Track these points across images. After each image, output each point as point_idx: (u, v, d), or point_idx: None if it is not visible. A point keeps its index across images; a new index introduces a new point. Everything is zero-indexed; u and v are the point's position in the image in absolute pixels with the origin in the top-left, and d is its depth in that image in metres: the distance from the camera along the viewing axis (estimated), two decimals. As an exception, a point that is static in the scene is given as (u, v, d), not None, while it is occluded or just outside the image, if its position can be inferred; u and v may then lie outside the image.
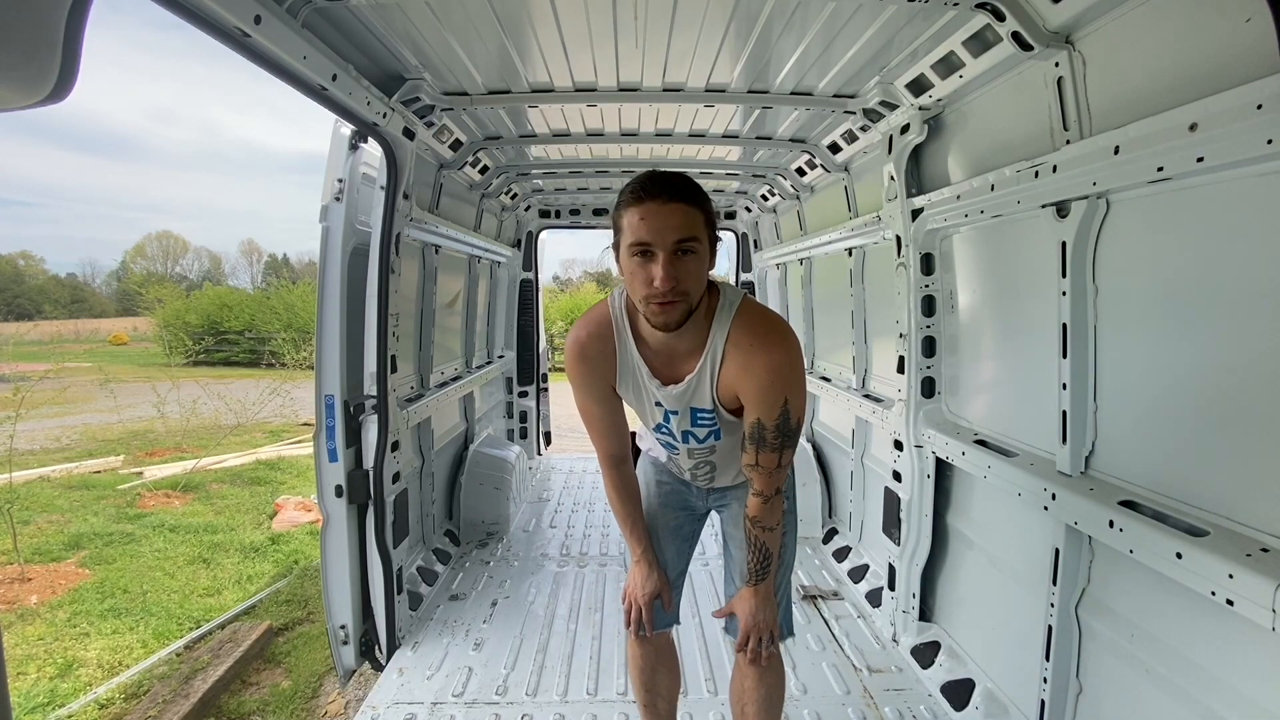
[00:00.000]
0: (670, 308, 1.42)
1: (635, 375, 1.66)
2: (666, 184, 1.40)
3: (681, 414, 1.66)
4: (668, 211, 1.38)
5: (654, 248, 1.38)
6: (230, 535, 5.56)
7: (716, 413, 1.63)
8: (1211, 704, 1.46)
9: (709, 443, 1.72)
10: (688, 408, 1.64)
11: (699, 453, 1.76)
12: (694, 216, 1.40)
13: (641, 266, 1.41)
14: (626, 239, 1.42)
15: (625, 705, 2.52)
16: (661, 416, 1.69)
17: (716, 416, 1.64)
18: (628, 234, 1.41)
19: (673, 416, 1.67)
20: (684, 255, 1.40)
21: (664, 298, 1.40)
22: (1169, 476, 1.60)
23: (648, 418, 1.74)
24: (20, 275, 61.72)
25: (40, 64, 0.81)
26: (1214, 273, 1.47)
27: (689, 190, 1.42)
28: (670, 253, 1.38)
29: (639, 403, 1.72)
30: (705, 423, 1.67)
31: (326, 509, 2.67)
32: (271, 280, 44.94)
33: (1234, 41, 1.32)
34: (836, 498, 4.20)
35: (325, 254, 2.67)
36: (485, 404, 5.22)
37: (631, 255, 1.42)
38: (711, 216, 1.47)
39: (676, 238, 1.38)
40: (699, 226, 1.41)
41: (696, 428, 1.68)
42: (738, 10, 2.11)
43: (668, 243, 1.38)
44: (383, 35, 2.24)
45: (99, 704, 3.18)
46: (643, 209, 1.38)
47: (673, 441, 1.76)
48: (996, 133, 2.26)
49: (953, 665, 2.59)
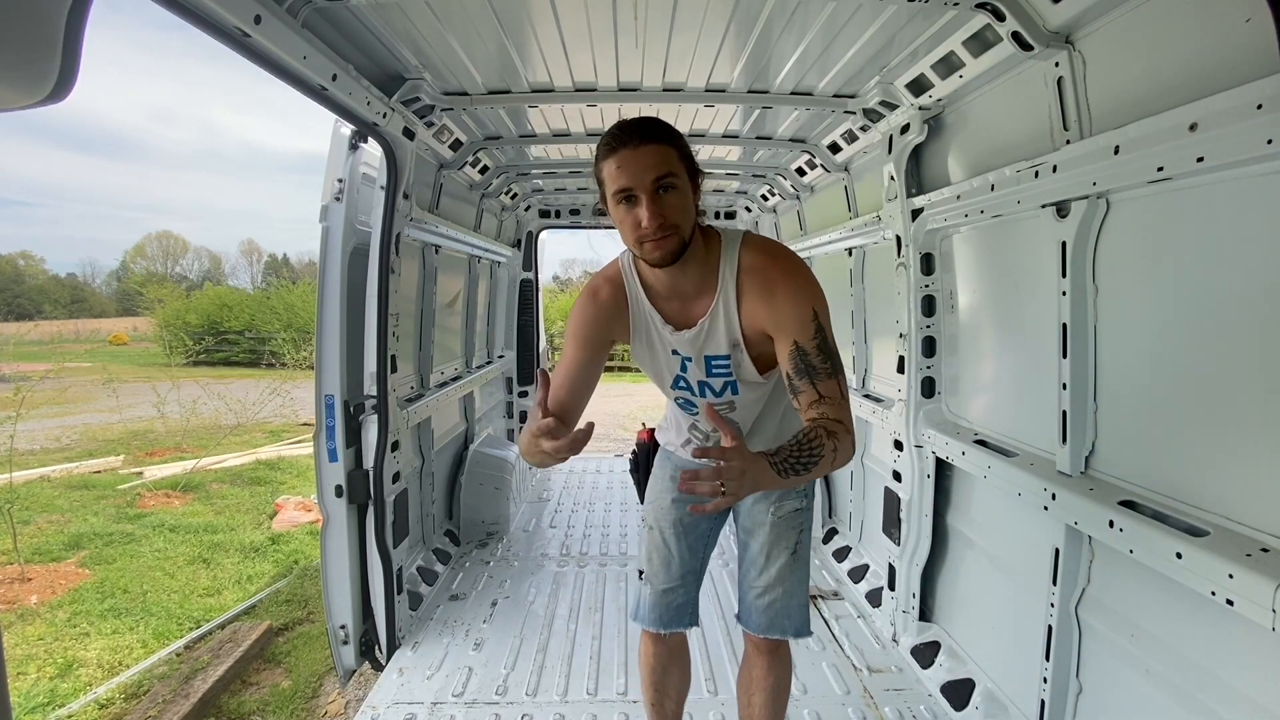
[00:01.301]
0: (663, 242, 1.44)
1: (649, 325, 1.65)
2: (636, 128, 1.42)
3: (696, 361, 1.64)
4: (642, 154, 1.40)
5: (635, 190, 1.41)
6: (230, 535, 5.56)
7: (731, 359, 1.61)
8: (1211, 704, 1.46)
9: (726, 396, 1.69)
10: (701, 355, 1.63)
11: (719, 407, 1.71)
12: (667, 153, 1.42)
13: (628, 212, 1.43)
14: (609, 189, 1.44)
15: (625, 705, 2.53)
16: (679, 366, 1.67)
17: (731, 364, 1.62)
18: (609, 184, 1.44)
19: (689, 364, 1.65)
20: (665, 192, 1.42)
21: (654, 234, 1.42)
22: (1169, 476, 1.60)
23: (665, 375, 1.71)
24: (20, 275, 61.76)
25: (40, 64, 0.81)
26: (1214, 273, 1.47)
27: (659, 130, 1.44)
28: (651, 192, 1.41)
29: (654, 360, 1.70)
30: (720, 372, 1.64)
31: (326, 509, 2.67)
32: (271, 280, 44.97)
33: (1234, 41, 1.32)
34: (836, 498, 4.20)
35: (325, 254, 2.67)
36: (485, 404, 5.22)
37: (617, 204, 1.44)
38: (686, 151, 1.48)
39: (654, 176, 1.40)
40: (674, 162, 1.43)
41: (712, 378, 1.66)
42: (738, 10, 2.11)
43: (646, 183, 1.40)
44: (383, 35, 2.24)
45: (99, 704, 3.18)
46: (618, 157, 1.41)
47: (691, 398, 1.73)
48: (996, 133, 2.26)
49: (953, 665, 2.59)
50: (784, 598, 1.78)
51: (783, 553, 1.78)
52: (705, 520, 1.91)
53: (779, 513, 1.78)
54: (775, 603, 1.78)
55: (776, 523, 1.78)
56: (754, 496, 1.81)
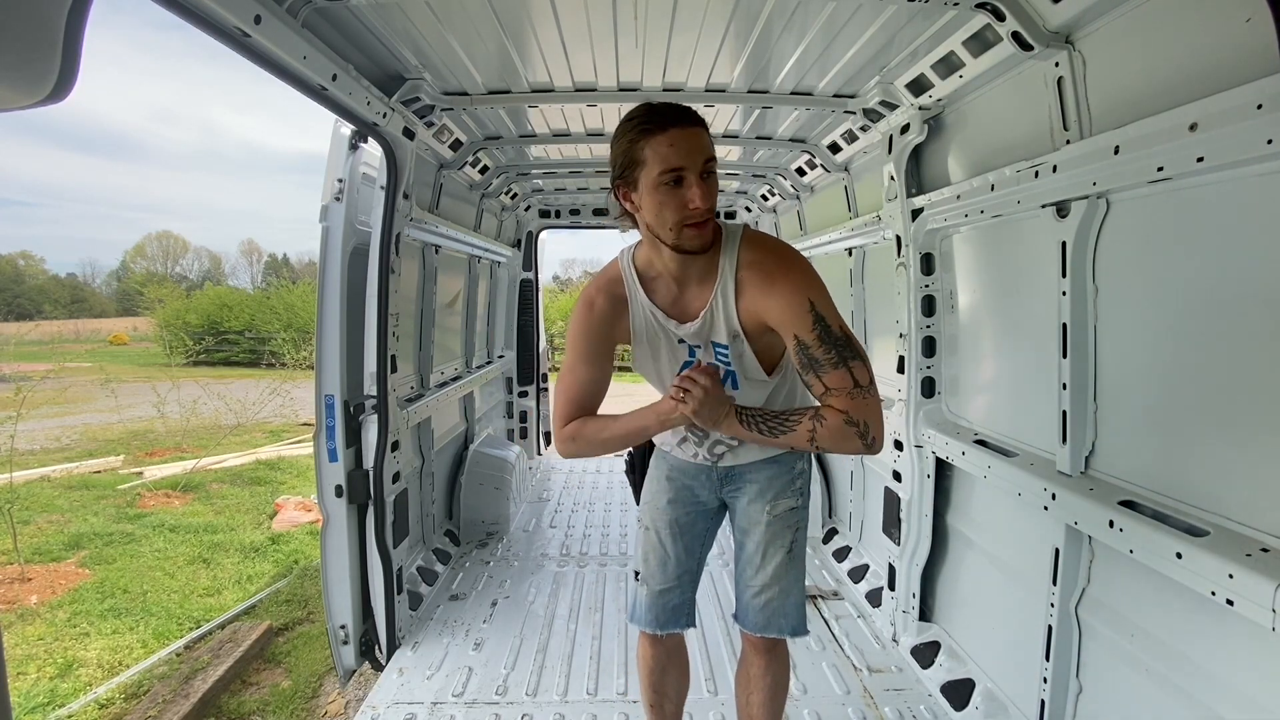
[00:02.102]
0: (705, 227, 1.47)
1: (650, 323, 1.65)
2: (684, 111, 1.44)
3: (705, 349, 1.64)
4: (693, 134, 1.43)
5: (686, 171, 1.42)
6: (230, 535, 5.56)
7: (730, 350, 1.61)
8: (1211, 704, 1.46)
9: (726, 389, 1.66)
10: (708, 341, 1.63)
11: None
12: (709, 139, 1.46)
13: (672, 193, 1.44)
14: (653, 169, 1.43)
15: (625, 705, 2.52)
16: (687, 353, 1.67)
17: (730, 354, 1.62)
18: (655, 164, 1.43)
19: (697, 352, 1.65)
20: (708, 176, 1.45)
21: (702, 217, 1.45)
22: (1169, 476, 1.60)
23: (666, 373, 1.70)
24: (20, 275, 61.79)
25: (40, 64, 0.81)
26: (1214, 272, 1.47)
27: (698, 116, 1.47)
28: (700, 174, 1.43)
29: (655, 360, 1.69)
30: (722, 359, 1.64)
31: (326, 509, 2.67)
32: (271, 280, 44.97)
33: (1234, 41, 1.32)
34: (836, 498, 4.20)
35: (325, 254, 2.67)
36: (485, 404, 5.22)
37: (661, 184, 1.44)
38: None
39: (704, 157, 1.43)
40: (713, 148, 1.47)
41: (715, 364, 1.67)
42: (738, 10, 2.11)
43: (698, 164, 1.42)
44: (383, 35, 2.24)
45: (99, 704, 3.19)
46: (670, 135, 1.41)
47: None
48: (996, 133, 2.26)
49: (953, 665, 2.59)
50: (780, 597, 1.78)
51: (778, 552, 1.78)
52: (701, 521, 1.90)
53: (774, 511, 1.78)
54: (771, 602, 1.78)
55: (772, 522, 1.78)
56: (749, 496, 1.81)
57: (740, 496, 1.84)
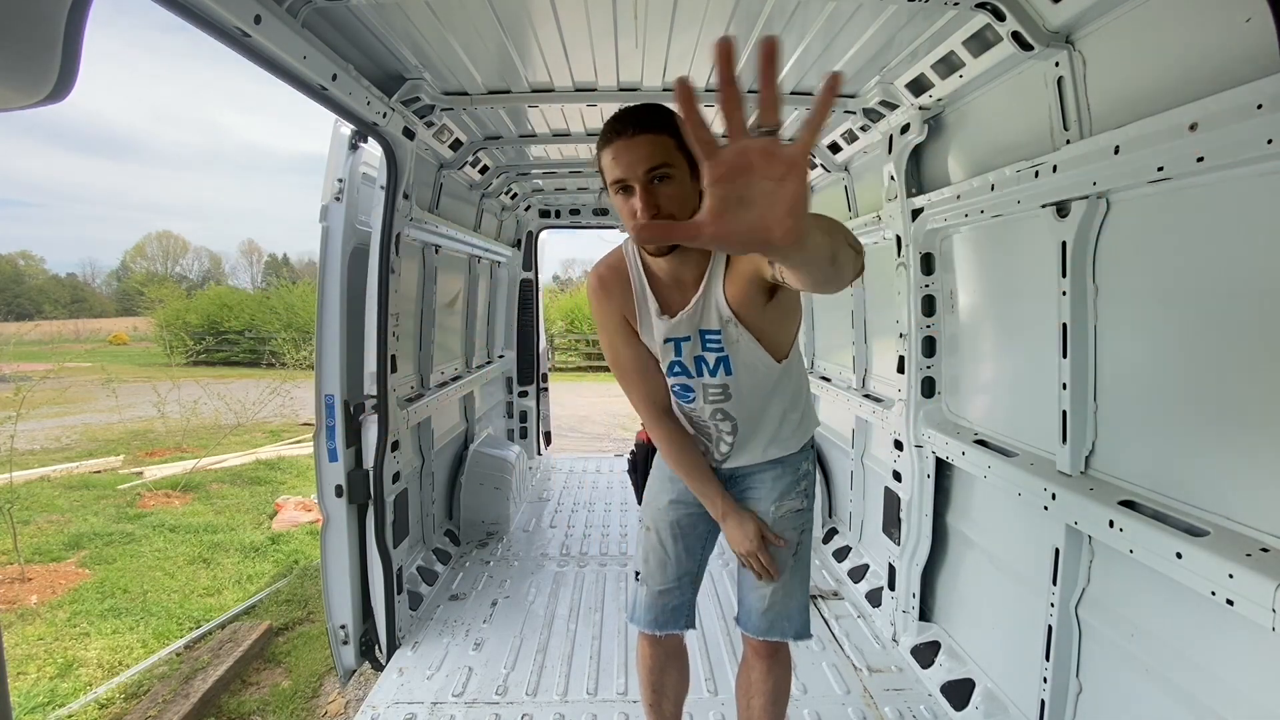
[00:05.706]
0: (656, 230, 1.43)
1: (647, 310, 1.66)
2: (631, 118, 1.42)
3: (693, 339, 1.64)
4: (635, 144, 1.40)
5: (629, 181, 1.42)
6: (230, 535, 5.55)
7: (723, 334, 1.60)
8: (1211, 704, 1.46)
9: (720, 376, 1.66)
10: (697, 329, 1.63)
11: (714, 393, 1.70)
12: (662, 143, 1.41)
13: (625, 202, 1.45)
14: (606, 180, 1.46)
15: (625, 705, 2.53)
16: (674, 351, 1.67)
17: (723, 339, 1.61)
18: (606, 175, 1.45)
19: (684, 345, 1.65)
20: (659, 183, 1.42)
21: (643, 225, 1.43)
22: (1169, 476, 1.60)
23: (661, 360, 1.72)
24: (20, 275, 61.83)
25: (40, 64, 0.81)
26: (1214, 272, 1.47)
27: (653, 118, 1.42)
28: (645, 183, 1.41)
29: (652, 344, 1.71)
30: (713, 346, 1.64)
31: (326, 509, 2.68)
32: (271, 280, 45.03)
33: (1234, 41, 1.32)
34: (836, 497, 4.20)
35: (325, 254, 2.67)
36: (485, 404, 5.22)
37: (615, 194, 1.46)
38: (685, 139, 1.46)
39: (646, 168, 1.40)
40: (670, 152, 1.41)
41: (706, 352, 1.66)
42: (738, 10, 2.11)
43: (639, 174, 1.40)
44: (383, 35, 2.24)
45: (99, 704, 3.19)
46: (613, 149, 1.41)
47: (688, 381, 1.71)
48: (996, 132, 2.26)
49: (953, 665, 2.59)
50: (784, 599, 1.76)
51: (783, 554, 1.77)
52: (703, 523, 1.88)
53: (779, 512, 1.77)
54: (775, 604, 1.76)
55: (777, 522, 1.76)
56: (754, 498, 1.80)
57: (745, 498, 1.83)
